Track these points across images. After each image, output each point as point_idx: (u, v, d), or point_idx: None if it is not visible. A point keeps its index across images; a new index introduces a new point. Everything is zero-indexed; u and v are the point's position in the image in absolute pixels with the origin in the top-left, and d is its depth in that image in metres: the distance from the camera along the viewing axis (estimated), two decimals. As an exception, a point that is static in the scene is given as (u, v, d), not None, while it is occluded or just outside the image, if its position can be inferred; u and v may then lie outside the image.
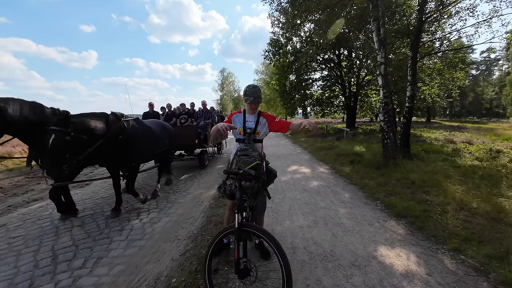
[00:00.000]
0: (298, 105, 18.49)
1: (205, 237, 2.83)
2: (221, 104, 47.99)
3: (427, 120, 31.03)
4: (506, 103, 35.65)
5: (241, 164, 1.83)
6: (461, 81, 13.91)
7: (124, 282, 2.09)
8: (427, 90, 14.70)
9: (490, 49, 18.32)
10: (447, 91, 16.41)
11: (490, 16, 7.08)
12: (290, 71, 16.97)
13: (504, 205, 3.24)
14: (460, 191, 3.81)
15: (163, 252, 2.55)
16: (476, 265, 2.17)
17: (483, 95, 47.26)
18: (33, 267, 2.31)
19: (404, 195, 3.95)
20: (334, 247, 2.55)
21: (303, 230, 2.93)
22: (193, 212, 3.61)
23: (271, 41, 16.94)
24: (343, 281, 2.02)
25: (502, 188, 3.97)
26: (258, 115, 2.25)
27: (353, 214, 3.38)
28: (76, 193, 4.52)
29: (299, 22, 10.92)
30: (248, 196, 1.83)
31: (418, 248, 2.50)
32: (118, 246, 2.66)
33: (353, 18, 8.84)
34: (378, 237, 2.73)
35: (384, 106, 6.15)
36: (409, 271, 2.13)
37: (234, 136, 2.33)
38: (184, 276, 2.14)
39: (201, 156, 6.55)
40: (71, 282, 2.10)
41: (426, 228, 2.86)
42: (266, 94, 33.81)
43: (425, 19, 6.98)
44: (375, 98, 17.51)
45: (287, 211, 3.52)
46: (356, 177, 5.15)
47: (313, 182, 5.01)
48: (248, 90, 2.16)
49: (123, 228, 3.11)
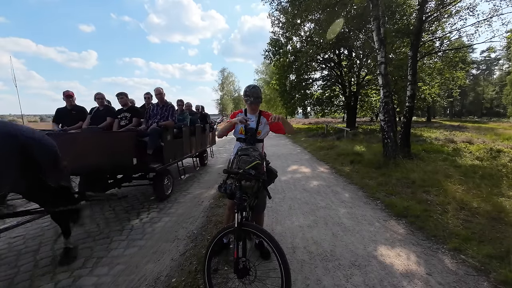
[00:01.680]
0: (298, 104, 18.51)
1: (205, 237, 2.83)
2: (221, 104, 47.97)
3: (427, 119, 31.02)
4: (506, 103, 35.64)
5: (241, 164, 1.84)
6: (462, 81, 13.90)
7: (124, 282, 2.08)
8: (428, 90, 14.70)
9: (491, 48, 18.33)
10: (447, 90, 16.42)
11: (490, 15, 7.07)
12: (290, 70, 16.98)
13: (505, 205, 3.23)
14: (461, 191, 3.81)
15: (163, 252, 2.55)
16: (476, 264, 2.16)
17: (484, 95, 47.21)
18: (33, 267, 2.31)
19: (405, 194, 3.95)
20: (334, 246, 2.54)
21: (303, 230, 2.92)
22: (193, 212, 3.61)
23: (271, 41, 16.95)
24: (343, 281, 2.02)
25: (503, 187, 3.97)
26: (259, 115, 2.26)
27: (353, 213, 3.38)
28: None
29: (299, 22, 10.92)
30: (248, 195, 1.83)
31: (418, 247, 2.49)
32: (118, 246, 2.66)
33: (353, 17, 8.82)
34: (378, 237, 2.72)
35: (384, 105, 6.14)
36: (409, 271, 2.13)
37: (235, 135, 2.32)
38: (184, 276, 2.14)
39: (157, 181, 3.94)
40: (71, 282, 2.10)
41: (427, 228, 2.85)
42: (266, 94, 33.80)
43: (425, 19, 6.98)
44: (375, 97, 17.51)
45: (287, 211, 3.52)
46: (356, 177, 5.14)
47: (313, 182, 5.01)
48: (248, 90, 2.17)
49: (123, 227, 3.11)
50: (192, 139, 5.34)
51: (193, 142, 5.41)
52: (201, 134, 6.00)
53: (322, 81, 18.42)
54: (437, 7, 7.25)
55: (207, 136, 6.75)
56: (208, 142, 6.92)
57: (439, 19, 8.21)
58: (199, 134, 5.83)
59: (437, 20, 8.20)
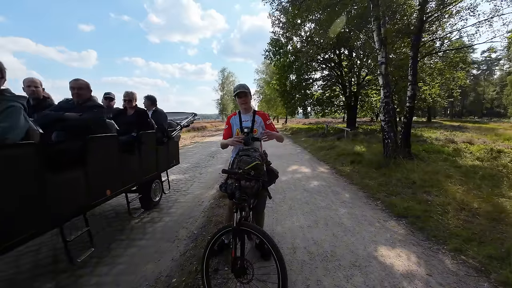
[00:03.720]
0: (299, 104, 18.51)
1: (206, 237, 2.83)
2: (222, 104, 48.02)
3: (427, 119, 30.97)
4: (507, 103, 35.60)
5: (241, 164, 1.84)
6: (462, 81, 13.87)
7: (124, 282, 2.09)
8: (428, 90, 14.67)
9: (491, 48, 18.32)
10: (448, 90, 16.36)
11: (491, 16, 7.05)
12: (290, 70, 16.98)
13: (505, 206, 3.22)
14: (461, 191, 3.80)
15: (163, 252, 2.55)
16: (477, 265, 2.16)
17: (484, 95, 47.18)
18: (33, 267, 2.31)
19: (405, 195, 3.95)
20: (334, 247, 2.54)
21: (304, 230, 2.92)
22: (193, 212, 3.62)
23: (271, 41, 16.96)
24: (344, 282, 2.01)
25: (503, 188, 3.96)
26: (253, 114, 2.29)
27: (353, 214, 3.38)
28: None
29: (299, 22, 10.91)
30: (248, 196, 1.83)
31: (418, 248, 2.49)
32: (119, 246, 2.66)
33: (353, 17, 8.82)
34: (379, 237, 2.72)
35: (384, 105, 6.14)
36: (410, 272, 2.12)
37: None
38: (184, 276, 2.14)
39: None
40: (71, 282, 2.10)
41: (427, 228, 2.85)
42: (267, 94, 33.83)
43: (425, 19, 6.96)
44: (376, 97, 17.48)
45: (288, 211, 3.52)
46: (357, 177, 5.14)
47: (313, 182, 5.01)
48: (235, 86, 2.27)
49: (124, 227, 3.11)
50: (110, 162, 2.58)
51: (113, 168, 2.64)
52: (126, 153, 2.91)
53: (322, 81, 18.40)
54: (437, 7, 7.23)
55: (154, 153, 3.56)
56: (160, 163, 3.72)
57: (440, 19, 8.19)
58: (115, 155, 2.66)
59: (437, 20, 8.18)
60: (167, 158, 4.02)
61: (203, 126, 30.92)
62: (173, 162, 4.30)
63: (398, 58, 10.70)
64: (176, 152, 4.47)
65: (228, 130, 2.34)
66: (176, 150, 4.47)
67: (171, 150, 4.14)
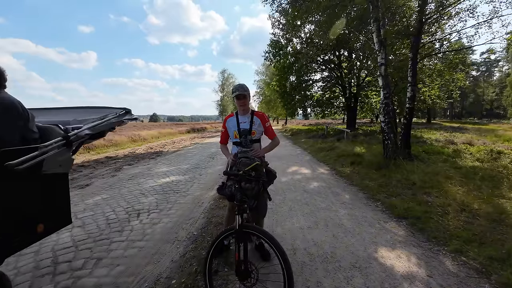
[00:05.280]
0: (299, 106, 18.51)
1: (205, 238, 2.82)
2: (222, 105, 48.07)
3: (427, 121, 31.00)
4: (506, 104, 35.63)
5: (241, 166, 1.84)
6: (462, 82, 13.91)
7: (124, 283, 2.08)
8: (428, 91, 14.69)
9: (491, 50, 18.40)
10: (447, 92, 16.40)
11: (490, 17, 7.07)
12: (290, 72, 17.01)
13: (506, 207, 3.22)
14: (461, 192, 3.80)
15: (163, 253, 2.55)
16: (477, 266, 2.15)
17: (484, 96, 47.25)
18: (33, 268, 2.30)
19: (405, 196, 3.94)
20: (334, 248, 2.54)
21: (304, 231, 2.92)
22: (193, 213, 3.61)
23: (271, 42, 17.00)
24: (344, 283, 2.01)
25: (503, 189, 3.96)
26: (251, 115, 2.25)
27: (353, 215, 3.37)
28: (76, 194, 4.52)
29: (299, 24, 10.95)
30: (248, 197, 1.82)
31: (419, 249, 2.49)
32: (118, 247, 2.66)
33: (353, 19, 8.85)
34: (379, 239, 2.72)
35: (384, 107, 6.15)
36: (410, 273, 2.12)
37: (230, 140, 2.33)
38: (184, 277, 2.13)
39: None
40: (70, 283, 2.09)
41: (427, 230, 2.85)
42: (267, 95, 33.87)
43: (425, 20, 6.98)
44: (376, 99, 17.49)
45: (288, 212, 3.51)
46: (357, 178, 5.14)
47: (313, 183, 5.00)
48: (234, 87, 2.23)
49: (123, 229, 3.10)
50: None
51: None
52: None
53: (322, 82, 18.42)
54: (437, 8, 7.26)
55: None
56: None
57: (439, 20, 8.22)
58: None
59: (437, 21, 8.20)
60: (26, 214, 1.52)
61: (203, 127, 31.01)
62: (50, 223, 1.68)
63: (397, 59, 10.73)
64: (62, 200, 1.80)
65: (225, 134, 2.33)
66: (63, 195, 1.81)
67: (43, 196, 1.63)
